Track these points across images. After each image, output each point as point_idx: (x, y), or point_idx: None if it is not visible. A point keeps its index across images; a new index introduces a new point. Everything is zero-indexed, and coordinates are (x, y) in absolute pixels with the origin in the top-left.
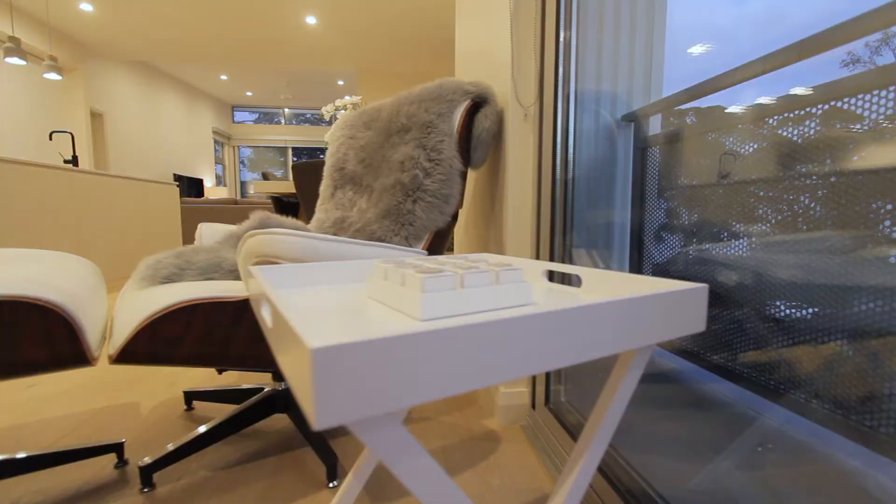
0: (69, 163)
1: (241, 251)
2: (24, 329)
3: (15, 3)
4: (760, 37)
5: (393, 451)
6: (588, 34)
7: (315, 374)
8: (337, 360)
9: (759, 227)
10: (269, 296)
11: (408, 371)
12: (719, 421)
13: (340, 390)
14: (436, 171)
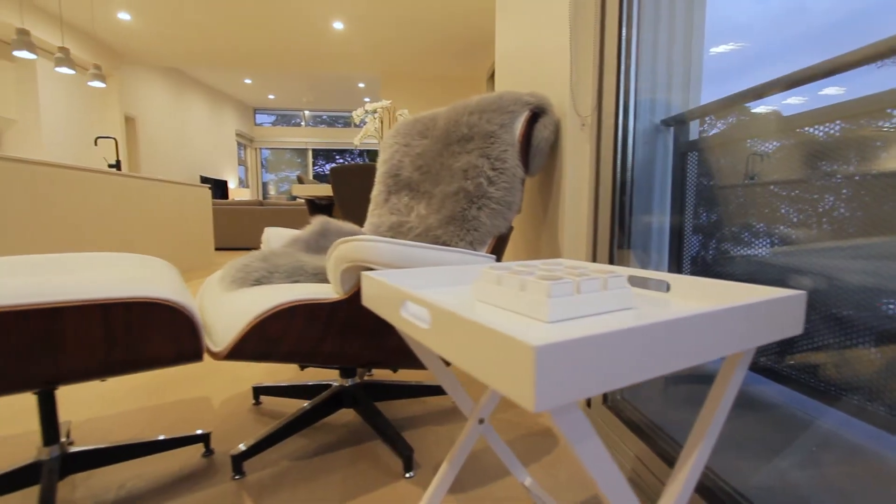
0: (113, 167)
1: (331, 256)
2: (155, 327)
3: (48, 9)
4: (809, 38)
5: (575, 433)
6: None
7: (538, 367)
8: (552, 355)
9: (812, 231)
10: (435, 301)
11: (605, 362)
12: (770, 421)
13: (554, 380)
14: (500, 179)
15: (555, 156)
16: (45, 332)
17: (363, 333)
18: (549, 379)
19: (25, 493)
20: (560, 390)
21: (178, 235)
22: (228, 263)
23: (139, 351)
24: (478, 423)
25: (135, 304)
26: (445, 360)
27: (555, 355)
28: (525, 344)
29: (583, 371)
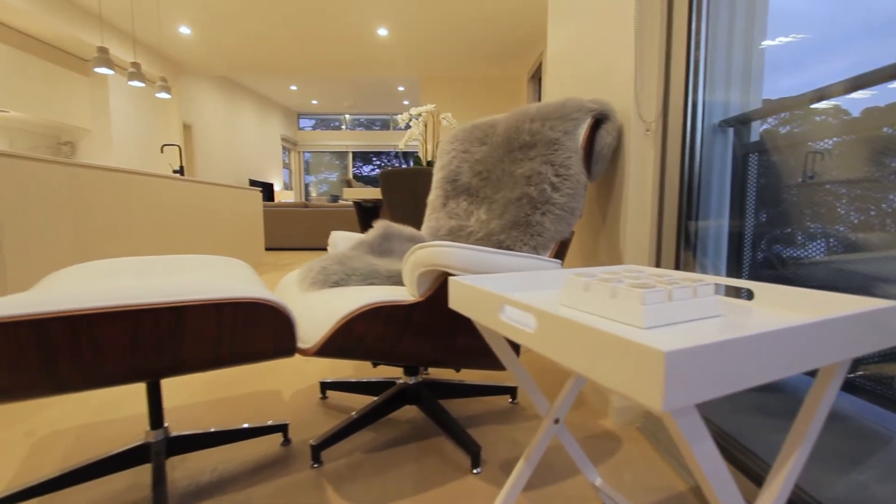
0: (177, 172)
1: (408, 260)
2: (259, 325)
3: (121, 27)
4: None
5: (693, 433)
6: (707, 42)
7: (667, 371)
8: (680, 360)
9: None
10: (541, 307)
11: (724, 367)
12: (846, 433)
13: (679, 383)
14: (564, 185)
15: (616, 160)
16: (171, 328)
17: (436, 334)
18: (676, 382)
19: (135, 471)
20: (684, 392)
21: (233, 236)
22: (306, 266)
23: (243, 346)
24: (553, 423)
25: (243, 303)
26: (551, 360)
27: (682, 360)
28: (655, 350)
29: (705, 375)
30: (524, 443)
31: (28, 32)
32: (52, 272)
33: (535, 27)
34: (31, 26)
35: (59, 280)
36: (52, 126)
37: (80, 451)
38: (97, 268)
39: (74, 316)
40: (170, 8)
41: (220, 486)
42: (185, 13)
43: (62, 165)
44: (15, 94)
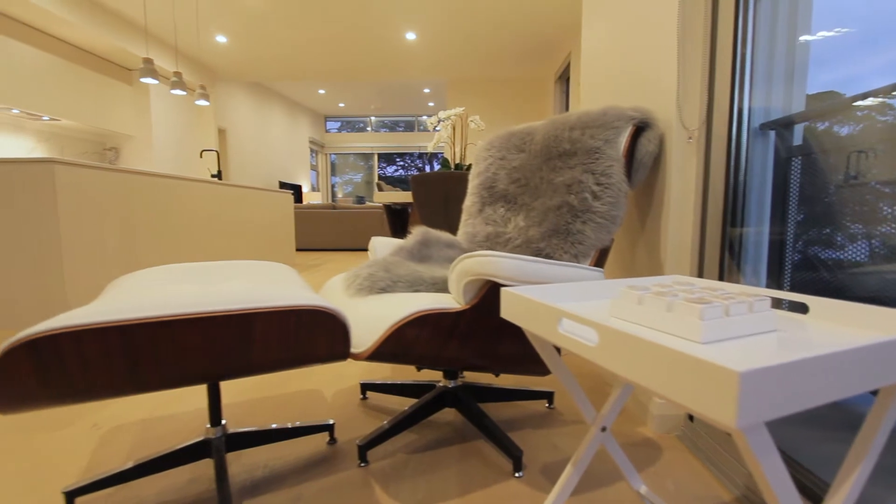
0: (215, 177)
1: (454, 269)
2: (318, 330)
3: (162, 37)
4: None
5: (762, 450)
6: (754, 47)
7: (741, 390)
8: (754, 380)
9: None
10: (603, 321)
11: (796, 386)
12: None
13: (752, 401)
14: (605, 194)
15: (656, 168)
16: (241, 333)
17: (480, 340)
18: (748, 401)
19: (195, 464)
20: (756, 411)
21: (266, 237)
22: (352, 272)
23: (303, 350)
24: (600, 431)
25: (305, 311)
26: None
27: (755, 380)
28: (729, 370)
29: (775, 394)
30: (564, 448)
31: (78, 44)
32: (103, 273)
33: (562, 28)
34: (80, 38)
35: (125, 286)
36: (98, 132)
37: (144, 444)
38: (157, 274)
39: (157, 322)
40: (208, 18)
41: (273, 482)
42: (221, 23)
43: (113, 172)
44: (66, 103)
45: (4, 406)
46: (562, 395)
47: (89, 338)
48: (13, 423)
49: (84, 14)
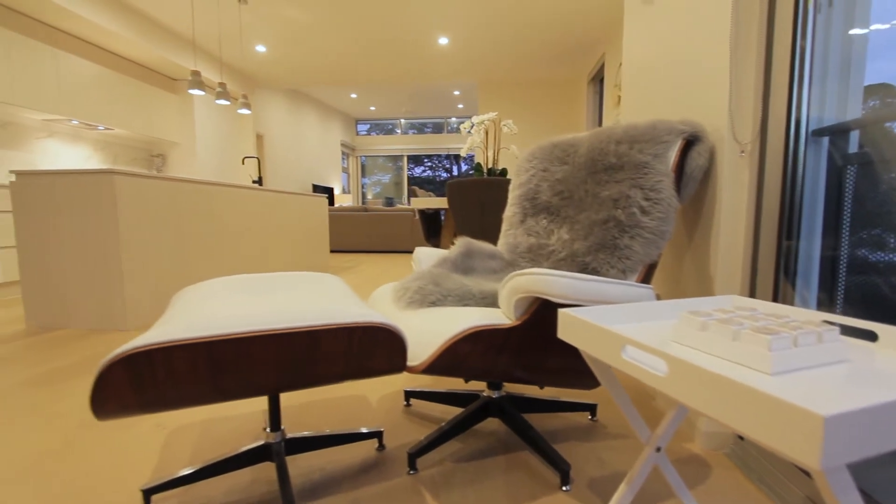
0: (256, 182)
1: (506, 286)
2: (379, 346)
3: (207, 49)
4: None
5: (842, 489)
6: (813, 55)
7: (826, 434)
8: (838, 424)
9: None
10: (674, 353)
11: (882, 428)
12: None
13: (836, 444)
14: (654, 209)
15: (706, 181)
16: (308, 349)
17: (530, 355)
18: (832, 443)
19: (255, 466)
20: (839, 453)
21: (303, 240)
22: (401, 284)
23: (364, 364)
24: (655, 451)
25: (368, 327)
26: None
27: (840, 424)
28: (814, 414)
29: (859, 436)
30: (611, 462)
31: (129, 57)
32: (157, 275)
33: (596, 29)
34: (132, 52)
35: (194, 299)
36: (146, 140)
37: (205, 444)
38: (218, 287)
39: (237, 338)
40: (250, 30)
41: (330, 485)
42: (262, 33)
43: (165, 180)
44: (118, 113)
45: (102, 413)
46: (604, 407)
47: (178, 353)
48: (87, 420)
49: (137, 29)
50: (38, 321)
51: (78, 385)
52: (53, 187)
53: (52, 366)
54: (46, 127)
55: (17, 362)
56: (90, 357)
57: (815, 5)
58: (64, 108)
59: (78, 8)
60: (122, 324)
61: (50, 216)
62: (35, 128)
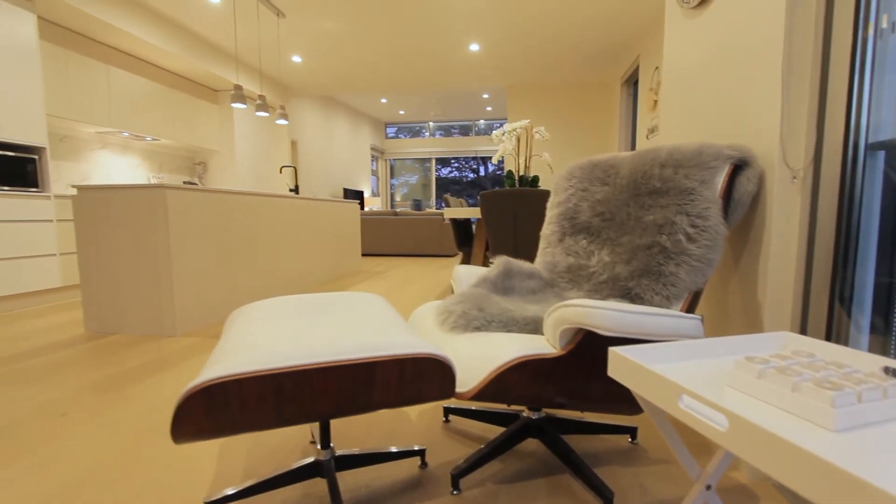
0: (293, 191)
1: (551, 316)
2: (430, 375)
3: (247, 61)
4: None
5: None
6: (873, 77)
7: None
8: None
9: None
10: (738, 412)
11: None
12: None
13: None
14: (701, 237)
15: (754, 206)
16: (365, 379)
17: (575, 383)
18: None
19: (305, 483)
20: None
21: (336, 245)
22: (443, 307)
23: (415, 392)
24: (705, 489)
25: (420, 358)
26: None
27: None
28: (887, 494)
29: None
30: (654, 489)
31: (174, 71)
32: (204, 284)
33: (630, 31)
34: (177, 66)
35: (250, 322)
36: (189, 149)
37: (258, 456)
38: (273, 309)
39: (301, 371)
40: (287, 42)
41: (376, 502)
42: (297, 45)
43: (210, 193)
44: (163, 124)
45: (179, 437)
46: (645, 430)
47: (249, 384)
48: (146, 428)
49: (182, 44)
50: (96, 326)
51: (136, 391)
52: (111, 201)
53: (111, 371)
54: (100, 139)
55: (80, 366)
56: (145, 364)
57: (876, 30)
58: (115, 121)
59: (130, 26)
60: (170, 330)
61: (107, 228)
62: (90, 140)
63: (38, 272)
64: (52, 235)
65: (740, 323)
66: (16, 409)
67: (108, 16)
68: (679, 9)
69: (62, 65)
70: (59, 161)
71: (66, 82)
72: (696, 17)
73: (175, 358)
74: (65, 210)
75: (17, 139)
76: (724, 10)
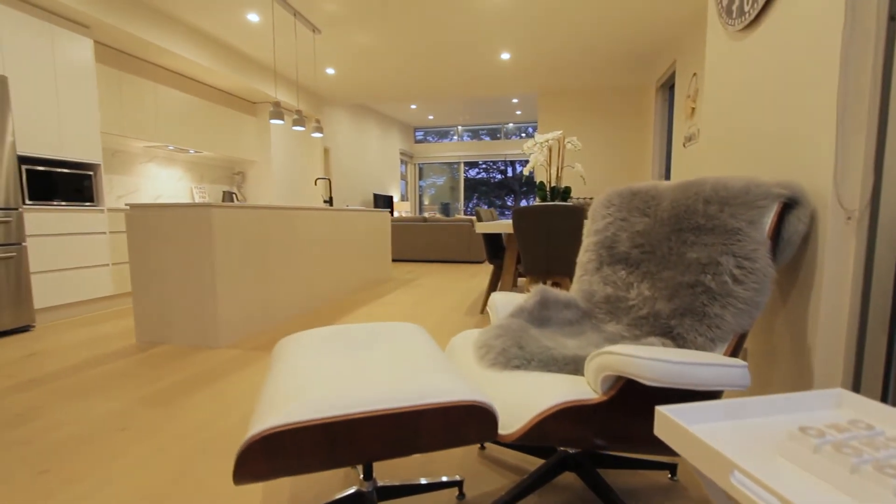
0: (327, 202)
1: (593, 360)
2: (473, 420)
3: (283, 73)
4: None
5: None
6: None
7: None
8: None
9: None
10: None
11: None
12: None
13: None
14: (748, 279)
15: (804, 246)
16: (412, 426)
17: (616, 427)
18: None
19: None
20: None
21: (368, 252)
22: (484, 342)
23: (458, 436)
24: None
25: (465, 406)
26: None
27: None
28: None
29: None
30: None
31: (215, 86)
32: (245, 297)
33: (667, 36)
34: (218, 81)
35: (297, 357)
36: (229, 160)
37: (303, 480)
38: (315, 343)
39: (352, 420)
40: (321, 55)
41: None
42: (332, 58)
43: (250, 209)
44: (205, 137)
45: (240, 480)
46: (685, 466)
47: (305, 433)
48: (199, 446)
49: (224, 61)
50: (146, 336)
51: (187, 405)
52: (161, 218)
53: (162, 384)
54: (147, 153)
55: (135, 377)
56: (193, 376)
57: None
58: (161, 135)
59: (177, 47)
60: (214, 342)
61: (157, 243)
62: (138, 154)
63: (93, 281)
64: (106, 246)
65: (787, 366)
66: (82, 421)
67: (157, 38)
68: (723, 29)
69: (115, 85)
70: (111, 175)
71: (118, 101)
72: (742, 39)
73: (220, 370)
74: (116, 222)
75: (76, 157)
76: (775, 32)
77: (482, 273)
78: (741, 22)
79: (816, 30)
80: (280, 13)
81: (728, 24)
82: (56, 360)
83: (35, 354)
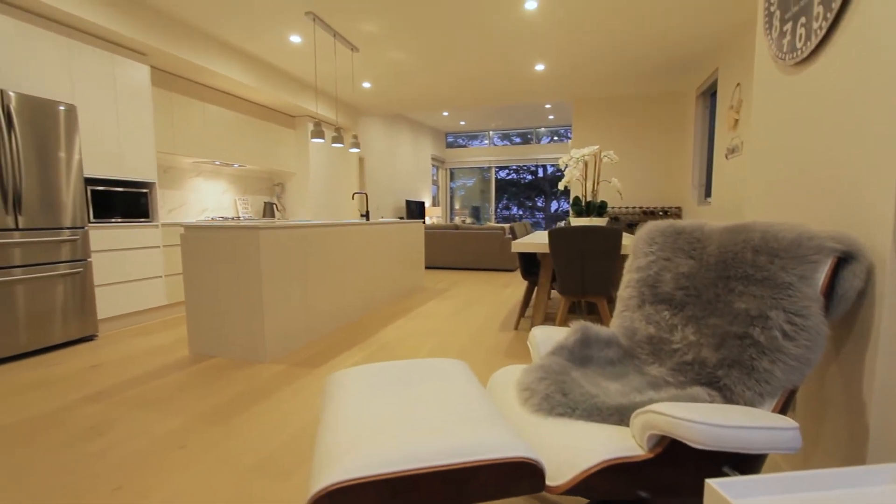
0: (364, 216)
1: (638, 417)
2: (522, 474)
3: (322, 89)
4: None
5: None
6: None
7: None
8: None
9: None
10: None
11: None
12: None
13: None
14: (799, 336)
15: (860, 300)
16: (465, 479)
17: (662, 483)
18: None
19: None
20: None
21: (402, 263)
22: (527, 386)
23: (509, 489)
24: None
25: (516, 462)
26: None
27: None
28: None
29: None
30: None
31: (257, 102)
32: (289, 314)
33: (709, 44)
34: (260, 97)
35: (344, 400)
36: (269, 172)
37: None
38: (364, 383)
39: (412, 476)
40: (359, 71)
41: None
42: (368, 73)
43: (293, 228)
44: (248, 151)
45: None
46: None
47: (367, 488)
48: (253, 465)
49: (267, 79)
50: (198, 349)
51: (240, 422)
52: (213, 239)
53: (216, 400)
54: (195, 168)
55: (190, 391)
56: (244, 391)
57: None
58: (208, 151)
59: (224, 68)
60: (262, 356)
61: (209, 262)
62: (187, 169)
63: (148, 292)
64: (160, 259)
65: (839, 422)
66: (143, 436)
67: (207, 61)
68: (773, 63)
69: (167, 105)
70: (163, 190)
71: (170, 121)
72: (794, 75)
73: (268, 387)
74: (168, 236)
75: (135, 177)
76: (832, 70)
77: (514, 283)
78: (792, 58)
79: (879, 68)
80: (321, 34)
81: (779, 57)
82: (118, 371)
83: (100, 365)
